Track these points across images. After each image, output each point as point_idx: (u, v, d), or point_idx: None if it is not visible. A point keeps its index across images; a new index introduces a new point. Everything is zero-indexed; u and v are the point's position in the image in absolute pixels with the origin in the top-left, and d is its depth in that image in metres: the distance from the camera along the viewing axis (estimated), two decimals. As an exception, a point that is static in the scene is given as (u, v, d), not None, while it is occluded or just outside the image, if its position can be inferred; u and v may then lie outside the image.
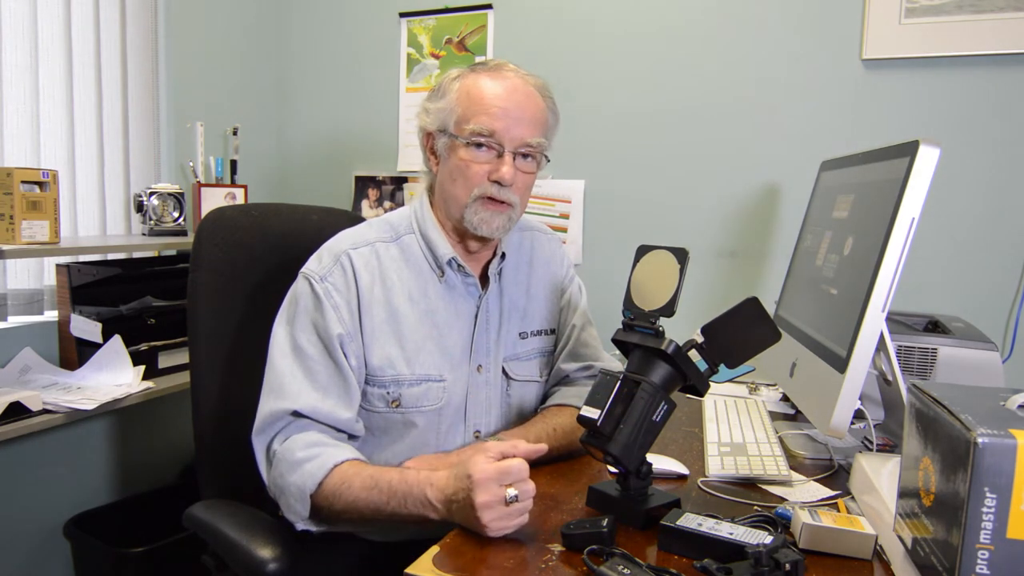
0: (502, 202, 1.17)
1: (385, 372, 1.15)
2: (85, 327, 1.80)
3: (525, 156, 1.18)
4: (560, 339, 1.35)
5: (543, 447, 1.02)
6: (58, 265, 1.88)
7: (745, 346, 0.98)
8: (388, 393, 1.16)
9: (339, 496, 1.02)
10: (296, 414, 1.09)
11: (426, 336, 1.19)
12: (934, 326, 1.43)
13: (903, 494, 0.80)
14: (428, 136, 1.23)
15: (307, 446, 1.06)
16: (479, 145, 1.15)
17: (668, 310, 0.98)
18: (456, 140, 1.17)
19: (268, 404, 1.10)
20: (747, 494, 1.09)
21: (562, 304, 1.36)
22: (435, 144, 1.22)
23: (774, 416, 1.47)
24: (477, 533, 0.90)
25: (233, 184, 2.35)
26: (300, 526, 1.06)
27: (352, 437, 1.15)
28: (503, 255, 1.27)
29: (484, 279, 1.26)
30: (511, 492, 0.88)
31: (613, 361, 1.36)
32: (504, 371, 1.27)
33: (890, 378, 1.14)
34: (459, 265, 1.21)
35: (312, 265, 1.17)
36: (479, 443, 1.17)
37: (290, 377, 1.11)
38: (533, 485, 0.91)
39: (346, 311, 1.13)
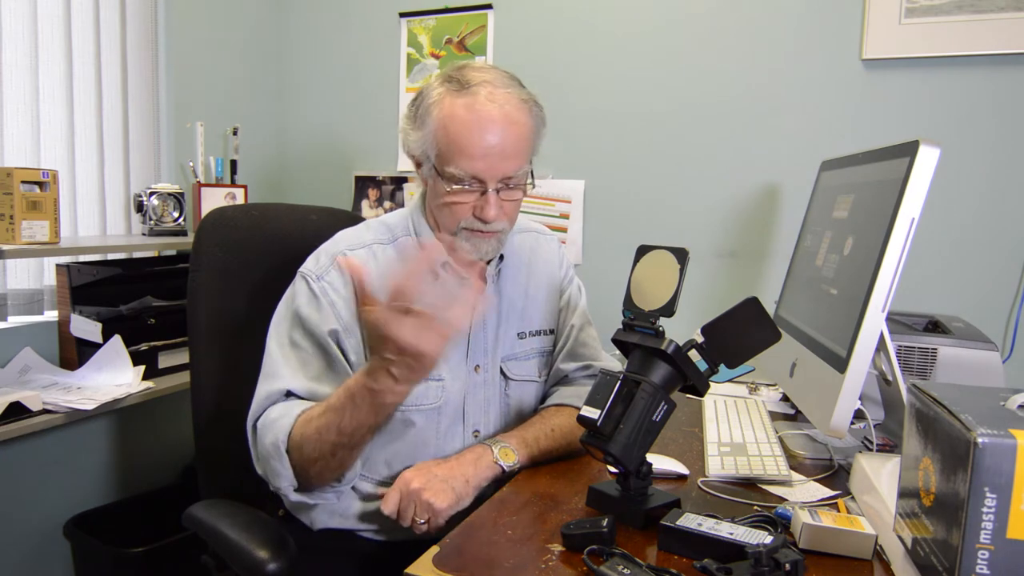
0: (489, 232, 1.17)
1: None
2: (85, 327, 1.80)
3: (510, 187, 1.16)
4: (559, 339, 1.35)
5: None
6: (58, 265, 1.88)
7: (745, 346, 0.98)
8: None
9: (304, 437, 1.02)
10: (289, 394, 1.11)
11: None
12: (934, 326, 1.43)
13: (903, 494, 0.80)
14: (412, 156, 1.21)
15: (283, 408, 1.08)
16: (461, 186, 1.13)
17: (668, 310, 0.98)
18: (438, 177, 1.14)
19: (262, 388, 1.12)
20: (747, 494, 1.08)
21: (561, 304, 1.36)
22: (420, 165, 1.20)
23: (774, 416, 1.47)
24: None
25: (233, 184, 2.35)
26: (292, 496, 1.07)
27: None
28: (501, 257, 1.27)
29: (481, 280, 1.26)
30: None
31: (612, 361, 1.36)
32: (502, 371, 1.27)
33: (890, 378, 1.14)
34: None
35: (310, 265, 1.18)
36: (477, 445, 1.17)
37: (284, 365, 1.13)
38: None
39: (344, 308, 1.14)
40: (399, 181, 2.47)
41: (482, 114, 1.10)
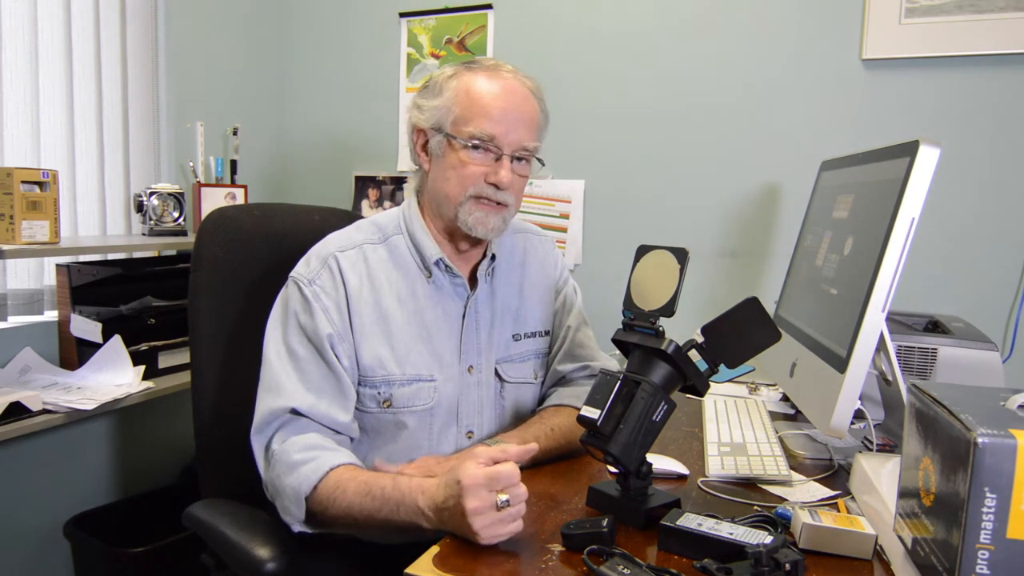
0: (497, 203, 1.17)
1: (376, 372, 1.15)
2: (85, 327, 1.80)
3: (520, 159, 1.19)
4: (556, 340, 1.35)
5: (533, 447, 1.00)
6: (58, 265, 1.88)
7: (745, 346, 0.98)
8: (379, 393, 1.16)
9: (333, 501, 1.01)
10: (295, 412, 1.09)
11: (415, 336, 1.18)
12: (934, 326, 1.43)
13: (903, 494, 0.80)
14: (419, 133, 1.22)
15: (305, 448, 1.06)
16: (477, 147, 1.15)
17: (668, 310, 0.98)
18: (454, 140, 1.16)
19: (266, 402, 1.11)
20: (747, 494, 1.09)
21: (556, 306, 1.36)
22: (428, 142, 1.21)
23: (774, 416, 1.47)
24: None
25: (233, 184, 2.35)
26: (296, 528, 1.05)
27: (350, 440, 1.15)
28: (492, 256, 1.26)
29: (473, 280, 1.26)
30: (502, 497, 0.87)
31: (609, 361, 1.36)
32: (497, 373, 1.26)
33: (890, 378, 1.14)
34: (446, 266, 1.21)
35: (300, 269, 1.17)
36: (472, 448, 1.16)
37: (285, 376, 1.11)
38: (525, 489, 0.89)
39: (335, 312, 1.14)
40: (399, 181, 2.47)
41: (505, 82, 1.17)
